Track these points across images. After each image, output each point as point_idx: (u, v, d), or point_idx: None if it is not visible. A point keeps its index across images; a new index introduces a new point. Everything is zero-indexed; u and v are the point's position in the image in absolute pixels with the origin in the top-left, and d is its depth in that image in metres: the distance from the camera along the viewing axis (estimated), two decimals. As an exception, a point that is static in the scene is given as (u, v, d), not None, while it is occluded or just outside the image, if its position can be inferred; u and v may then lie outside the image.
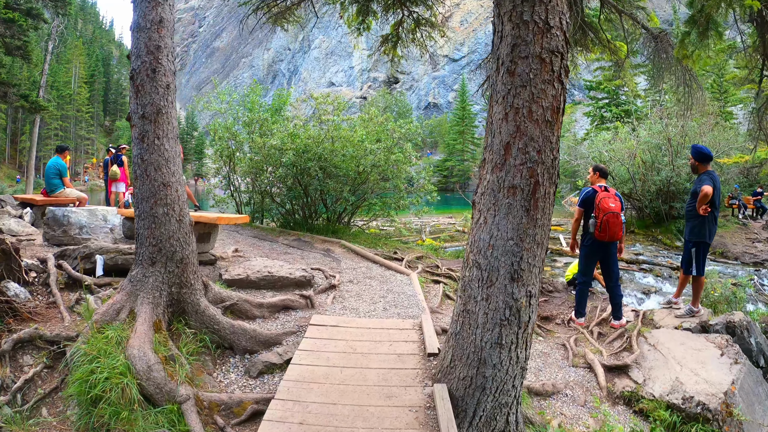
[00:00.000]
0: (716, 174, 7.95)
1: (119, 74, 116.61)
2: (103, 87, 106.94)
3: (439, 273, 10.11)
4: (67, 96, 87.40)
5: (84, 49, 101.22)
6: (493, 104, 4.03)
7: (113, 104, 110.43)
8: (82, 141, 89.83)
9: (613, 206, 7.87)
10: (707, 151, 7.91)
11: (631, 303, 11.94)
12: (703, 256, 8.04)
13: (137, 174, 6.04)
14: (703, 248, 8.01)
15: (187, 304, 6.05)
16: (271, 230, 12.59)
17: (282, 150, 11.92)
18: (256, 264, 8.09)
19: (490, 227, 4.03)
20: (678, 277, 14.83)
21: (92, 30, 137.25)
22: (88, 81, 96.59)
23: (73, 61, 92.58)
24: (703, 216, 7.78)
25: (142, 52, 6.06)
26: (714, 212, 7.84)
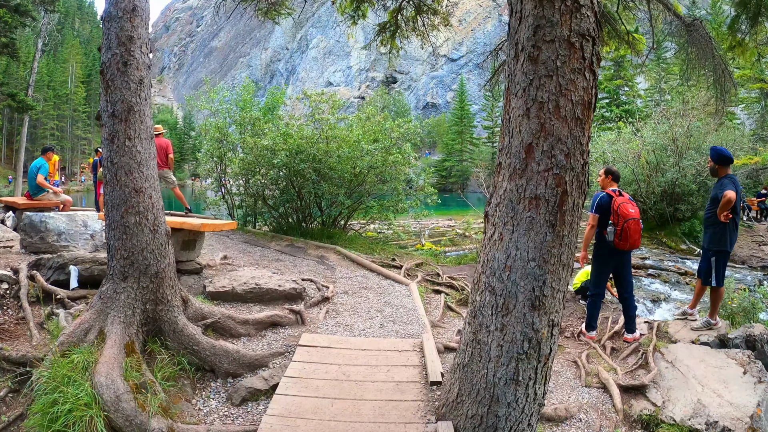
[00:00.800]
0: (737, 177, 7.38)
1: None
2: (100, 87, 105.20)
3: (440, 282, 9.50)
4: (64, 95, 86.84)
5: (81, 49, 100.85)
6: (510, 98, 3.41)
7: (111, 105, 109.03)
8: (78, 141, 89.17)
9: (633, 212, 7.28)
10: (728, 153, 7.35)
11: (641, 312, 11.36)
12: (723, 265, 7.47)
13: (107, 179, 5.44)
14: (724, 257, 7.44)
15: (163, 322, 5.45)
16: (263, 235, 11.97)
17: (274, 151, 11.31)
18: (243, 275, 7.47)
19: (506, 245, 3.41)
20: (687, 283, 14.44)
21: (90, 29, 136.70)
22: (85, 80, 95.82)
23: (70, 61, 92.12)
24: (723, 223, 7.21)
25: (113, 44, 5.45)
26: (735, 218, 7.28)
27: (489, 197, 3.60)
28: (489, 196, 3.60)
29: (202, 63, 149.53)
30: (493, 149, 73.57)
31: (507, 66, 3.50)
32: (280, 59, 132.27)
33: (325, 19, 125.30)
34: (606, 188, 7.79)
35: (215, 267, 9.01)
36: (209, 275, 8.23)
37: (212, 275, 8.25)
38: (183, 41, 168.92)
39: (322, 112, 12.12)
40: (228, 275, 7.50)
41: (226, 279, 7.31)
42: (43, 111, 78.74)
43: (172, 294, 5.61)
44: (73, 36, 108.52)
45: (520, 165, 3.29)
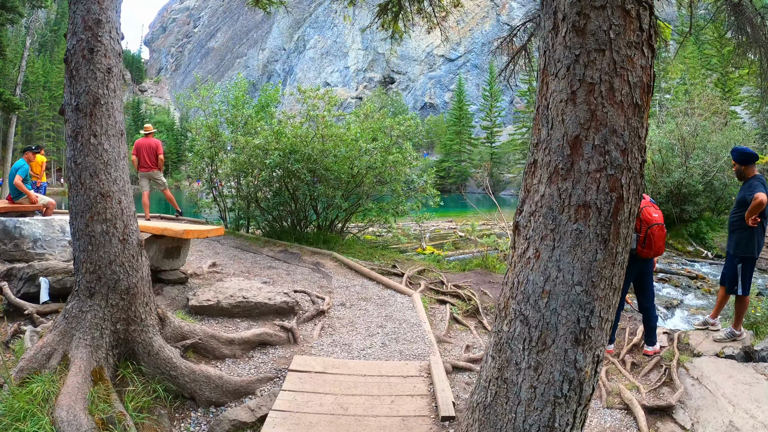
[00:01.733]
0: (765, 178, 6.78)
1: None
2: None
3: (444, 291, 8.83)
4: (60, 96, 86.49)
5: None
6: (548, 80, 2.74)
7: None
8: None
9: (657, 216, 6.64)
10: (751, 151, 6.76)
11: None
12: (749, 273, 6.88)
13: (71, 181, 4.77)
14: (750, 264, 6.86)
15: (136, 344, 4.79)
16: (255, 240, 11.28)
17: (266, 150, 10.63)
18: (230, 287, 6.79)
19: (545, 265, 2.72)
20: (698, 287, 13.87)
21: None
22: None
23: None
24: (751, 227, 6.62)
25: (78, 28, 4.79)
26: (763, 222, 6.69)
27: (520, 204, 2.92)
28: (520, 203, 2.92)
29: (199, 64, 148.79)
30: (492, 149, 73.15)
31: (542, 41, 2.83)
32: (277, 60, 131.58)
33: (322, 19, 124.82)
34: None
35: (202, 276, 8.35)
36: (195, 285, 7.57)
37: (198, 285, 7.59)
38: (180, 42, 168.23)
39: (317, 109, 11.41)
40: (213, 287, 6.82)
41: (211, 291, 6.63)
42: (39, 112, 78.59)
43: (147, 312, 4.94)
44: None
45: (564, 163, 2.61)
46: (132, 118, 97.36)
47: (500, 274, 10.29)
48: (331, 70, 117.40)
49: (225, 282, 7.07)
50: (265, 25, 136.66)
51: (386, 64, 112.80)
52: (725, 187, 20.39)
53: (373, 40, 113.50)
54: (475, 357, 6.26)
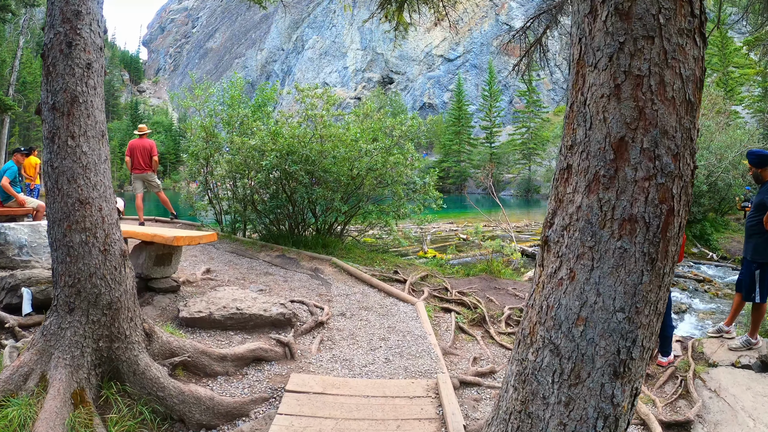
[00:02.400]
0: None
1: (111, 75, 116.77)
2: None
3: (449, 299, 8.45)
4: None
5: None
6: (585, 72, 2.35)
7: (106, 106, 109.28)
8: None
9: None
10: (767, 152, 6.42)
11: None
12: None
13: (47, 187, 4.39)
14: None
15: (121, 363, 4.41)
16: (251, 244, 10.88)
17: (262, 152, 10.23)
18: (223, 297, 6.40)
19: (581, 288, 2.34)
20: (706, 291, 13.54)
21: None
22: None
23: None
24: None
25: (56, 21, 4.40)
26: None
27: (549, 215, 2.53)
28: (549, 214, 2.53)
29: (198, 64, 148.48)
30: (491, 149, 72.91)
31: (575, 28, 2.44)
32: (275, 60, 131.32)
33: (321, 19, 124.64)
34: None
35: (196, 283, 7.97)
36: (188, 294, 7.20)
37: (191, 293, 7.21)
38: (178, 42, 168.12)
39: (315, 108, 11.00)
40: (206, 297, 6.44)
41: (203, 302, 6.25)
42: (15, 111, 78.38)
43: (132, 327, 4.56)
44: None
45: (607, 170, 2.22)
46: (130, 119, 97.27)
47: (506, 280, 9.93)
48: (329, 71, 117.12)
49: (218, 292, 6.68)
50: (263, 25, 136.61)
51: (385, 65, 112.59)
52: (729, 187, 20.20)
53: (371, 40, 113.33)
54: (483, 370, 5.90)
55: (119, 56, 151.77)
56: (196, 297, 6.58)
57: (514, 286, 9.47)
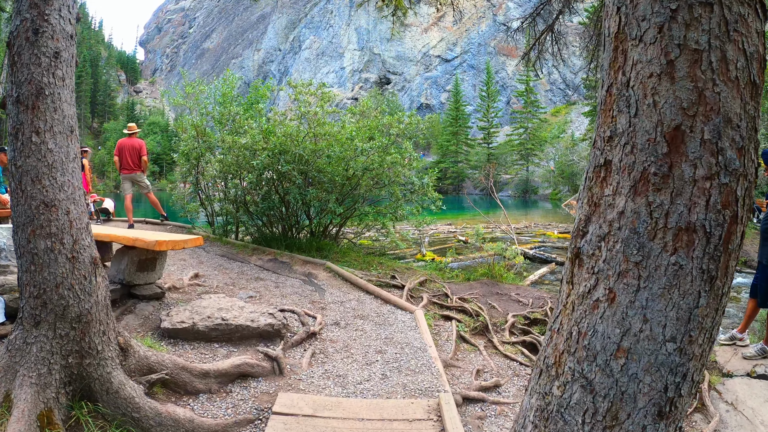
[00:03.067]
0: None
1: (108, 75, 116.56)
2: (91, 88, 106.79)
3: (449, 305, 8.03)
4: None
5: None
6: (626, 47, 1.91)
7: (101, 106, 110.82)
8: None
9: None
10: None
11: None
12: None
13: (11, 188, 3.98)
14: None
15: (93, 380, 3.99)
16: (243, 247, 10.46)
17: (254, 151, 9.79)
18: (208, 306, 5.97)
19: (623, 313, 1.90)
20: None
21: (81, 30, 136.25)
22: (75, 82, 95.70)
23: None
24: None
25: (23, 6, 3.98)
26: None
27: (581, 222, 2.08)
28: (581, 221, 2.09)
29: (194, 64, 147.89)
30: (489, 150, 72.63)
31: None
32: (272, 60, 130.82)
33: (318, 19, 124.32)
34: None
35: (182, 289, 7.55)
36: (173, 301, 6.78)
37: (176, 301, 6.80)
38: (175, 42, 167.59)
39: (309, 105, 10.54)
40: (190, 306, 6.00)
41: (187, 311, 5.82)
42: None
43: (104, 342, 4.14)
44: None
45: (659, 167, 1.78)
46: (126, 119, 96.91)
47: (508, 285, 9.52)
48: (326, 71, 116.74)
49: (203, 300, 6.25)
50: (260, 25, 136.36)
51: (382, 65, 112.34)
52: None
53: (369, 40, 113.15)
54: (486, 384, 5.50)
55: (116, 56, 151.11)
56: (180, 306, 6.15)
57: (517, 292, 9.07)
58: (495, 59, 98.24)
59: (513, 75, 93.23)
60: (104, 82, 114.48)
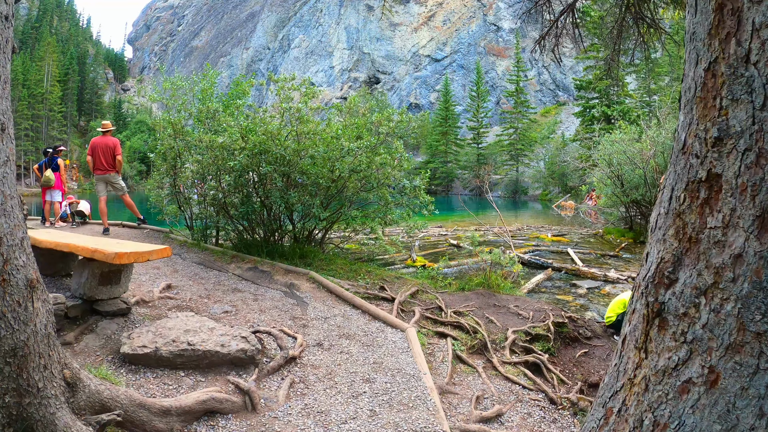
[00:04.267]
0: None
1: (95, 73, 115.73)
2: (77, 86, 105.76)
3: (444, 320, 7.37)
4: (39, 95, 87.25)
5: (58, 47, 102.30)
6: (738, 5, 1.25)
7: (88, 103, 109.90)
8: (54, 141, 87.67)
9: None
10: None
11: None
12: None
13: None
14: None
15: (35, 422, 3.32)
16: (221, 254, 9.74)
17: (231, 151, 9.08)
18: (174, 327, 5.26)
19: (728, 403, 1.17)
20: None
21: (68, 27, 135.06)
22: (61, 79, 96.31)
23: (46, 59, 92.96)
24: None
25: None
26: None
27: (664, 264, 1.40)
28: (665, 262, 1.40)
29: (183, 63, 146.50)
30: (479, 150, 72.33)
31: None
32: (261, 59, 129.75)
33: (307, 18, 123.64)
34: None
35: (152, 303, 6.86)
36: (141, 317, 6.10)
37: (144, 317, 6.12)
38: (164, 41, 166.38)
39: (292, 100, 9.80)
40: (154, 327, 5.30)
41: (150, 333, 5.12)
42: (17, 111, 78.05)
43: (46, 378, 3.46)
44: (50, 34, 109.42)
45: None
46: (114, 118, 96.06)
47: (506, 295, 8.88)
48: (315, 70, 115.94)
49: (169, 320, 5.55)
50: (249, 23, 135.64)
51: (371, 64, 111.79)
52: None
53: (358, 39, 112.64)
54: (487, 415, 4.88)
55: (103, 54, 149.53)
56: (144, 326, 5.44)
57: (515, 304, 8.43)
58: (485, 59, 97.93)
59: (503, 75, 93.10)
60: (91, 80, 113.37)
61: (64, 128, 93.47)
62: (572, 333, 8.01)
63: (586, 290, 11.87)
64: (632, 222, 20.78)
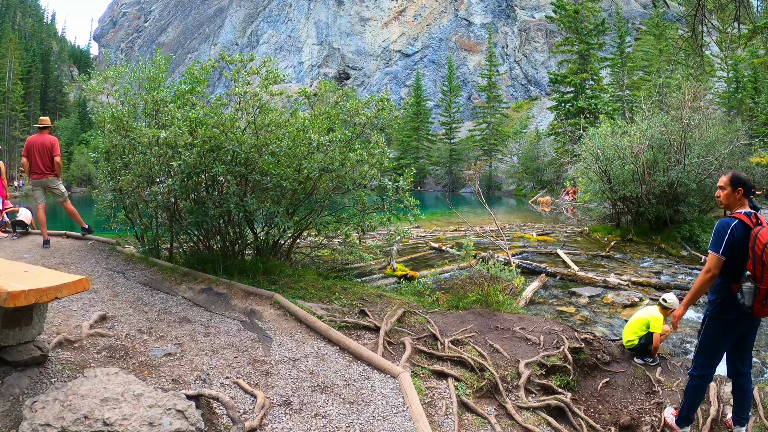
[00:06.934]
0: None
1: (59, 70, 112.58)
2: (41, 84, 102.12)
3: (441, 355, 5.93)
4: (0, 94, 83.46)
5: (21, 44, 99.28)
6: None
7: (52, 102, 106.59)
8: (16, 142, 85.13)
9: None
10: None
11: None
12: None
13: None
14: None
15: None
16: (172, 271, 8.15)
17: (176, 148, 7.51)
18: (89, 394, 3.70)
19: None
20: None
21: (32, 23, 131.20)
22: (24, 77, 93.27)
23: (8, 56, 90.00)
24: None
25: None
26: None
27: None
28: None
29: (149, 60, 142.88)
30: (451, 146, 71.61)
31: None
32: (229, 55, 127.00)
33: (276, 13, 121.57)
34: (733, 210, 4.72)
35: (79, 343, 5.36)
36: (63, 365, 4.65)
37: (66, 366, 4.66)
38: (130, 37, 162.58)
39: (248, 84, 8.16)
40: (64, 393, 3.75)
41: (58, 404, 3.58)
42: None
43: None
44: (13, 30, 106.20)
45: None
46: (78, 117, 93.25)
47: (507, 315, 7.51)
48: (284, 66, 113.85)
49: (83, 383, 3.96)
50: (217, 19, 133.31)
51: (341, 60, 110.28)
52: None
53: (328, 35, 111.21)
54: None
55: (68, 51, 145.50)
56: (52, 391, 3.92)
57: (520, 325, 7.08)
58: (456, 54, 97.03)
59: (474, 70, 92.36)
60: (56, 77, 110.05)
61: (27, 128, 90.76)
62: (590, 360, 6.74)
63: (587, 299, 10.61)
64: (619, 219, 19.80)
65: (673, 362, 7.06)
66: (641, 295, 10.81)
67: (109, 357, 5.16)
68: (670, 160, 17.52)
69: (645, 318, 6.99)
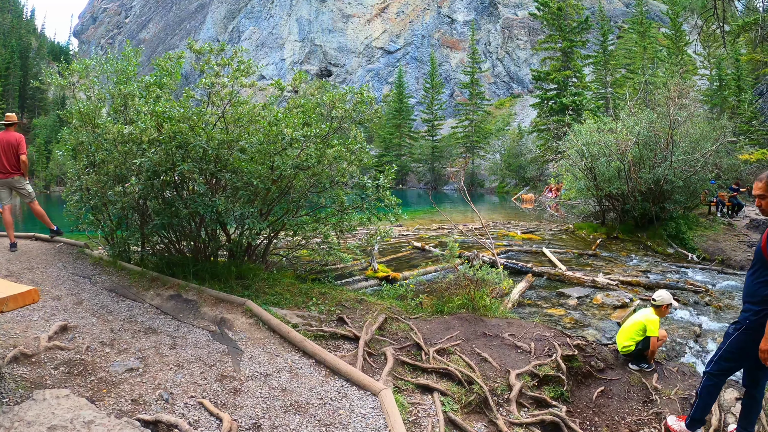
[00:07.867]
0: None
1: (38, 67, 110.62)
2: (20, 81, 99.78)
3: (425, 366, 5.51)
4: None
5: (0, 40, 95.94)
6: None
7: (31, 100, 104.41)
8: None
9: None
10: None
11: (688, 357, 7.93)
12: None
13: None
14: None
15: None
16: (139, 276, 7.64)
17: (141, 145, 6.99)
18: (36, 421, 3.29)
19: None
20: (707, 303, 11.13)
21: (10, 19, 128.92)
22: (2, 74, 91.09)
23: None
24: None
25: None
26: None
27: None
28: None
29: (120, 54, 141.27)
30: (433, 143, 71.30)
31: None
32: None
33: (258, 9, 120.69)
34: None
35: (36, 357, 4.89)
36: (17, 382, 4.19)
37: (21, 383, 4.20)
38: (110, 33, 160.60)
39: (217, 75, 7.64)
40: (9, 419, 3.38)
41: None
42: None
43: None
44: None
45: None
46: (57, 115, 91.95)
47: (495, 320, 7.12)
48: (266, 63, 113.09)
49: (31, 407, 3.52)
50: (198, 15, 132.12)
51: (323, 57, 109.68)
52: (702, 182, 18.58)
53: (310, 31, 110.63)
54: None
55: (48, 47, 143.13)
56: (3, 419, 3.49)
57: (509, 331, 6.69)
58: (439, 51, 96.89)
59: (457, 67, 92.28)
60: (35, 74, 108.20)
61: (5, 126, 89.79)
62: (584, 368, 6.37)
63: (576, 301, 10.25)
64: (604, 217, 19.56)
65: (669, 367, 6.73)
66: (631, 295, 10.49)
67: (66, 373, 4.70)
68: (656, 157, 17.32)
69: (641, 321, 6.64)
